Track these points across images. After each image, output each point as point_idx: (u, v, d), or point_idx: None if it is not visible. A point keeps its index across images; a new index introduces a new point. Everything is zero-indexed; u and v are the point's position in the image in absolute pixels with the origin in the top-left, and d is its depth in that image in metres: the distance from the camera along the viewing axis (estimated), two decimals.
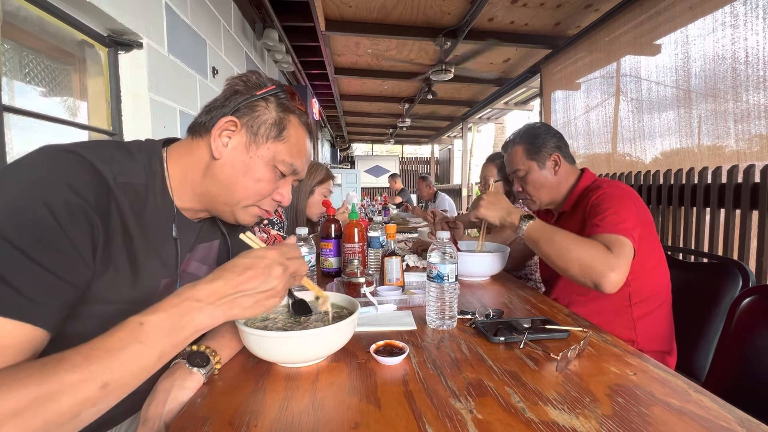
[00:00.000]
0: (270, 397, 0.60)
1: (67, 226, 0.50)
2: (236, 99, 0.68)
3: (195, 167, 0.69)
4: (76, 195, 0.52)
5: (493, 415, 0.55)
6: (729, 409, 0.56)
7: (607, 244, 0.97)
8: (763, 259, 1.67)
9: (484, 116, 8.05)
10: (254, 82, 0.70)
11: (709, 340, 1.14)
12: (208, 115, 0.68)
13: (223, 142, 0.67)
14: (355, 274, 1.09)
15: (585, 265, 0.95)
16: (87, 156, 0.56)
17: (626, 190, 1.13)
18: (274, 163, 0.70)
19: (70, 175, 0.53)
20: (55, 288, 0.49)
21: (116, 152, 0.63)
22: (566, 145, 1.29)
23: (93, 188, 0.55)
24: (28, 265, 0.47)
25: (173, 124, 2.02)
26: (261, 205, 0.73)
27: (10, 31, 1.29)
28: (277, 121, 0.69)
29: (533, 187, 1.28)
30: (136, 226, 0.62)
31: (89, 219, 0.53)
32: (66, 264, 0.50)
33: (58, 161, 0.54)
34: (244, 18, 3.26)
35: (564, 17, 3.22)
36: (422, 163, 13.30)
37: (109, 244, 0.57)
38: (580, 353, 0.74)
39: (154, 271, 0.66)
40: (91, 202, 0.54)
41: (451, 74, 3.96)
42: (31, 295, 0.46)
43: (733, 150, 1.94)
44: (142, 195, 0.64)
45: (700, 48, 2.11)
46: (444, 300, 0.87)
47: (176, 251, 0.71)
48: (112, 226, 0.58)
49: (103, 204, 0.56)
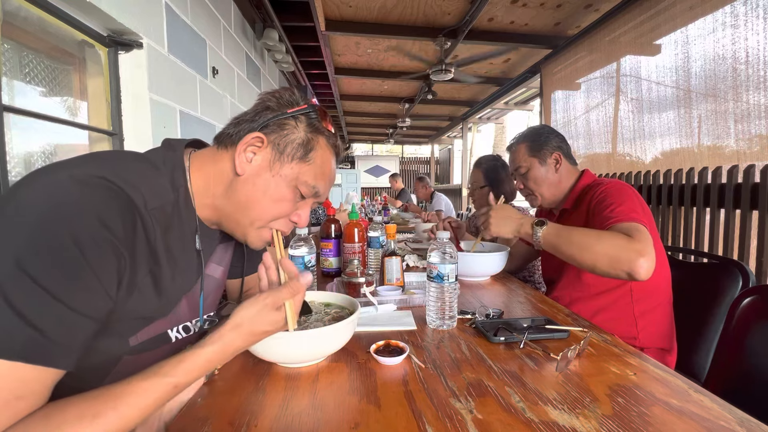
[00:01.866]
0: (270, 397, 0.60)
1: (93, 260, 0.48)
2: (266, 115, 0.66)
3: (217, 180, 0.67)
4: (106, 228, 0.50)
5: (493, 415, 0.55)
6: (729, 409, 0.56)
7: (627, 232, 0.96)
8: (763, 259, 1.67)
9: (484, 116, 8.05)
10: (287, 99, 0.68)
11: (709, 340, 1.14)
12: (237, 128, 0.67)
13: (248, 157, 0.65)
14: (355, 274, 1.09)
15: (613, 257, 0.93)
16: (116, 182, 0.54)
17: (628, 186, 1.15)
18: (296, 183, 0.68)
19: (101, 205, 0.51)
20: (79, 326, 0.48)
21: (140, 167, 0.61)
22: (568, 146, 1.32)
23: (122, 219, 0.53)
24: (51, 303, 0.45)
25: (173, 124, 2.02)
26: (274, 225, 0.71)
27: (10, 31, 1.29)
28: (305, 141, 0.67)
29: (534, 183, 1.30)
30: (164, 248, 0.61)
31: (116, 252, 0.51)
32: (91, 300, 0.49)
33: (88, 190, 0.51)
34: (244, 18, 3.26)
35: (564, 17, 3.21)
36: (422, 163, 13.29)
37: (135, 273, 0.56)
38: (580, 353, 0.74)
39: (177, 287, 0.66)
40: (119, 234, 0.52)
41: (451, 74, 3.95)
42: (54, 337, 0.45)
43: (733, 150, 1.94)
44: (168, 214, 0.63)
45: (700, 48, 2.11)
46: (444, 300, 0.87)
47: (200, 263, 0.70)
48: (138, 255, 0.56)
49: (131, 233, 0.54)
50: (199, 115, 2.34)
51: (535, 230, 1.06)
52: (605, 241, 0.95)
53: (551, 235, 1.04)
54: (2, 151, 1.22)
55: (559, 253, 1.04)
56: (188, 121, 2.19)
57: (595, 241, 0.96)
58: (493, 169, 2.10)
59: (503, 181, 2.07)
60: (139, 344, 0.61)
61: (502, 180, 2.07)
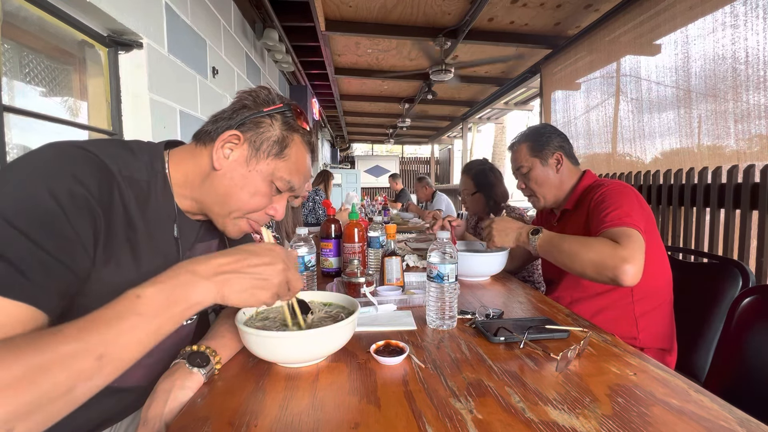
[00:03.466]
0: (270, 397, 0.60)
1: (70, 214, 0.51)
2: (243, 113, 0.69)
3: (195, 173, 0.70)
4: (80, 185, 0.53)
5: (493, 415, 0.55)
6: (729, 409, 0.56)
7: (614, 238, 0.98)
8: (763, 259, 1.67)
9: (484, 116, 8.05)
10: (263, 98, 0.72)
11: (709, 340, 1.14)
12: (214, 125, 0.70)
13: (225, 153, 0.68)
14: (355, 274, 1.09)
15: (597, 264, 0.95)
16: (92, 150, 0.58)
17: (628, 187, 1.15)
18: (271, 178, 0.71)
19: (76, 166, 0.55)
20: (57, 272, 0.50)
21: (119, 149, 0.64)
22: (570, 146, 1.32)
23: (97, 180, 0.56)
24: (31, 247, 0.47)
25: (173, 124, 2.02)
26: (251, 218, 0.73)
27: (10, 31, 1.29)
28: (280, 139, 0.71)
29: (536, 183, 1.30)
30: (141, 219, 0.63)
31: (92, 209, 0.54)
32: (68, 249, 0.51)
33: (65, 153, 0.56)
34: (244, 18, 3.26)
35: (564, 17, 3.21)
36: (422, 163, 13.29)
37: (111, 236, 0.58)
38: (580, 353, 0.74)
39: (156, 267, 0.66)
40: (94, 192, 0.55)
41: (451, 74, 3.96)
42: (33, 277, 0.47)
43: (733, 150, 1.94)
44: (144, 190, 0.65)
45: (700, 48, 2.11)
46: (444, 300, 0.87)
47: (177, 251, 0.71)
48: (115, 218, 0.59)
49: (107, 195, 0.58)
50: (199, 115, 2.34)
51: (530, 239, 1.11)
52: (592, 248, 0.97)
53: (544, 243, 1.08)
54: (2, 151, 1.22)
55: (552, 260, 1.08)
56: (188, 121, 2.19)
57: (581, 249, 0.99)
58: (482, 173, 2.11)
59: (493, 185, 2.08)
60: None
61: (492, 184, 2.08)
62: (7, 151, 1.24)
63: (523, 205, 4.85)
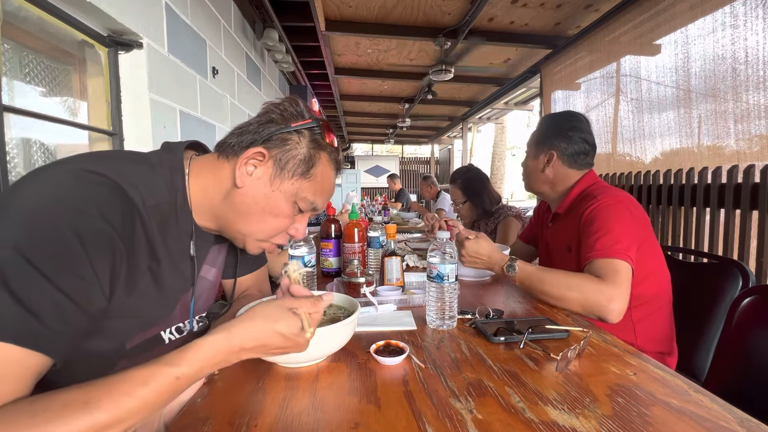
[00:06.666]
0: (270, 397, 0.60)
1: (91, 253, 0.48)
2: (269, 128, 0.65)
3: (216, 188, 0.67)
4: (105, 221, 0.51)
5: (493, 415, 0.55)
6: (729, 409, 0.56)
7: (600, 274, 0.98)
8: (763, 259, 1.67)
9: (484, 116, 8.05)
10: (291, 112, 0.67)
11: (709, 340, 1.14)
12: (239, 138, 0.66)
13: (248, 171, 0.65)
14: (355, 274, 1.09)
15: (584, 305, 0.97)
16: (115, 179, 0.55)
17: (621, 199, 1.10)
18: (295, 199, 0.68)
19: (101, 200, 0.52)
20: (73, 316, 0.47)
21: (138, 167, 0.61)
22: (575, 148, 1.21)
23: (120, 212, 0.53)
24: (48, 289, 0.45)
25: (173, 124, 2.02)
26: (274, 241, 0.71)
27: (10, 31, 1.29)
28: (307, 158, 0.67)
29: (524, 169, 1.36)
30: (162, 248, 0.61)
31: (113, 246, 0.52)
32: (86, 292, 0.49)
33: (88, 184, 0.52)
34: (244, 18, 3.26)
35: (564, 17, 3.21)
36: (422, 163, 13.28)
37: (133, 269, 0.56)
38: (580, 353, 0.74)
39: (176, 288, 0.67)
40: (118, 227, 0.52)
41: (451, 74, 3.95)
42: (50, 323, 0.45)
43: (733, 150, 1.94)
44: (166, 213, 0.63)
45: (700, 48, 2.11)
46: (444, 300, 0.87)
47: (193, 268, 0.70)
48: (137, 251, 0.57)
49: (129, 228, 0.55)
50: (199, 115, 2.34)
51: (507, 271, 1.07)
52: (576, 288, 0.98)
53: (524, 279, 1.06)
54: (2, 151, 1.22)
55: (533, 295, 1.09)
56: (188, 121, 2.19)
57: (566, 290, 0.99)
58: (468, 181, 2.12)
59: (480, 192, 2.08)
60: (133, 347, 0.61)
61: (478, 191, 2.09)
62: (7, 151, 1.24)
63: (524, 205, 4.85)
